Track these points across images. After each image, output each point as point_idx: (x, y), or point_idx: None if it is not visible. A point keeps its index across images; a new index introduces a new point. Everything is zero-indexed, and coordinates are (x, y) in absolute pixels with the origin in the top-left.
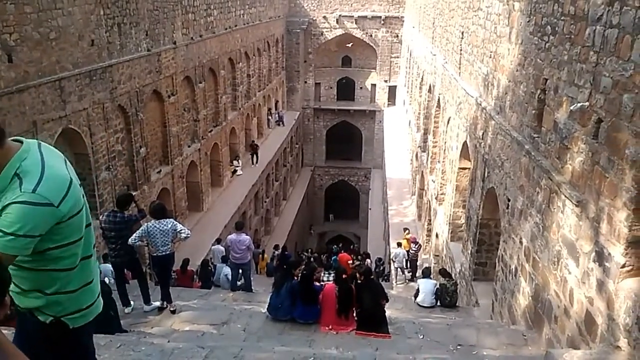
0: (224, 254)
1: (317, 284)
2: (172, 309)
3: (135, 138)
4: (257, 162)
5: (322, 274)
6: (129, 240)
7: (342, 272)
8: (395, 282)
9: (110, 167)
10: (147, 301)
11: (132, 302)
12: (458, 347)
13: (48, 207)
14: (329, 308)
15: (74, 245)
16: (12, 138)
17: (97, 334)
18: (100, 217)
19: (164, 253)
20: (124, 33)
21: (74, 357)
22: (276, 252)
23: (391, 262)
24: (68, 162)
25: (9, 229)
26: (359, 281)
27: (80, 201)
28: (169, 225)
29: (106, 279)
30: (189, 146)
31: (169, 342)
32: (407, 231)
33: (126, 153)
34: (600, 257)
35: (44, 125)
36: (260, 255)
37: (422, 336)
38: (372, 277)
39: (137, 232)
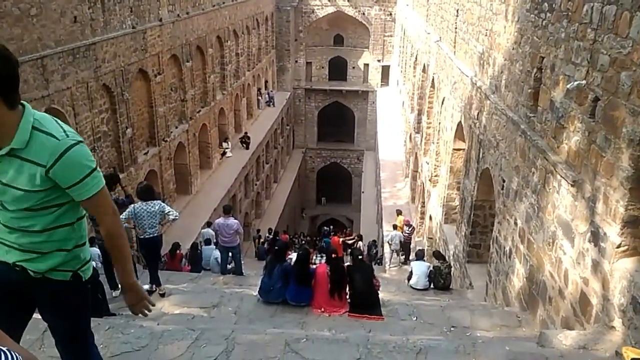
0: (213, 237)
1: (311, 266)
2: (161, 292)
3: (121, 118)
4: (248, 148)
5: (315, 257)
6: None
7: (333, 252)
8: (389, 265)
9: (96, 148)
10: None
11: (120, 286)
12: (452, 328)
13: (83, 143)
14: (321, 289)
15: None
16: None
17: None
18: None
19: (151, 235)
20: (108, 9)
21: (88, 307)
22: (269, 236)
23: (384, 245)
24: None
25: (93, 164)
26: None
27: None
28: (157, 207)
29: (93, 263)
30: (176, 127)
31: (158, 324)
32: (400, 214)
33: (112, 134)
34: (596, 237)
35: None
36: (257, 240)
37: (415, 318)
38: (362, 258)
39: (124, 213)
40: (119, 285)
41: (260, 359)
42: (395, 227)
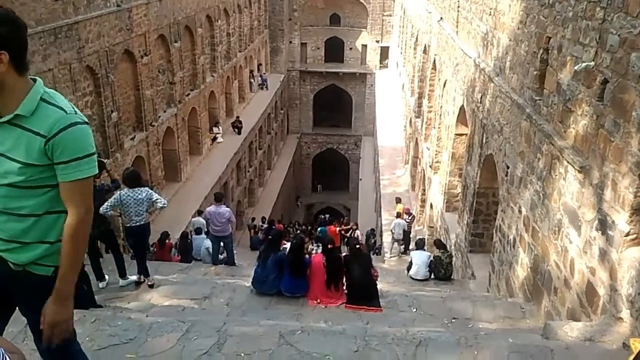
0: (204, 226)
1: (307, 256)
2: (149, 283)
3: (106, 102)
4: (240, 133)
5: (311, 247)
6: (100, 209)
7: (330, 242)
8: (390, 254)
9: None
10: (122, 275)
11: (106, 277)
12: (453, 320)
13: (89, 126)
14: (317, 280)
15: None
16: None
17: None
18: None
19: (137, 223)
20: None
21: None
22: (263, 225)
23: (384, 233)
24: None
25: (93, 149)
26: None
27: None
28: (144, 194)
29: None
30: (164, 111)
31: (147, 316)
32: (399, 202)
33: (96, 118)
34: (604, 225)
35: None
36: (253, 229)
37: (415, 309)
38: (359, 247)
39: (110, 200)
40: (106, 277)
41: (254, 351)
42: (399, 215)
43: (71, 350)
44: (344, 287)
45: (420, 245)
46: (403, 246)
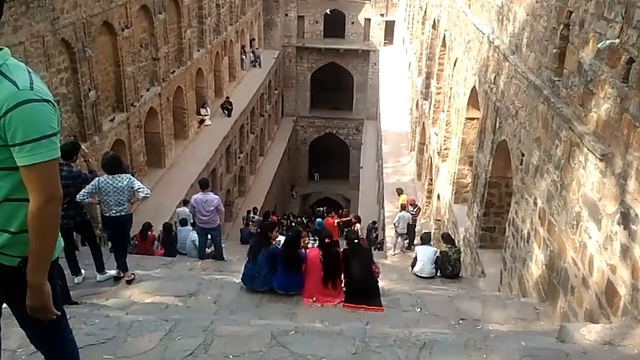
0: (190, 217)
1: (302, 251)
2: (127, 278)
3: (82, 79)
4: (230, 116)
5: (308, 241)
6: (77, 196)
7: (327, 236)
8: (394, 250)
9: None
10: (100, 270)
11: (82, 271)
12: (460, 321)
13: (49, 104)
14: (313, 277)
15: None
16: None
17: None
18: None
19: (117, 214)
20: None
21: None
22: (254, 217)
23: (386, 226)
24: None
25: (53, 130)
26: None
27: None
28: (125, 182)
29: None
30: (147, 90)
31: (127, 314)
32: (401, 193)
33: (72, 97)
34: (626, 218)
35: None
36: (248, 221)
37: (419, 309)
38: (358, 241)
39: (87, 187)
40: (82, 271)
41: (243, 352)
42: (403, 207)
43: (62, 342)
44: (342, 285)
45: (426, 239)
46: (407, 241)
